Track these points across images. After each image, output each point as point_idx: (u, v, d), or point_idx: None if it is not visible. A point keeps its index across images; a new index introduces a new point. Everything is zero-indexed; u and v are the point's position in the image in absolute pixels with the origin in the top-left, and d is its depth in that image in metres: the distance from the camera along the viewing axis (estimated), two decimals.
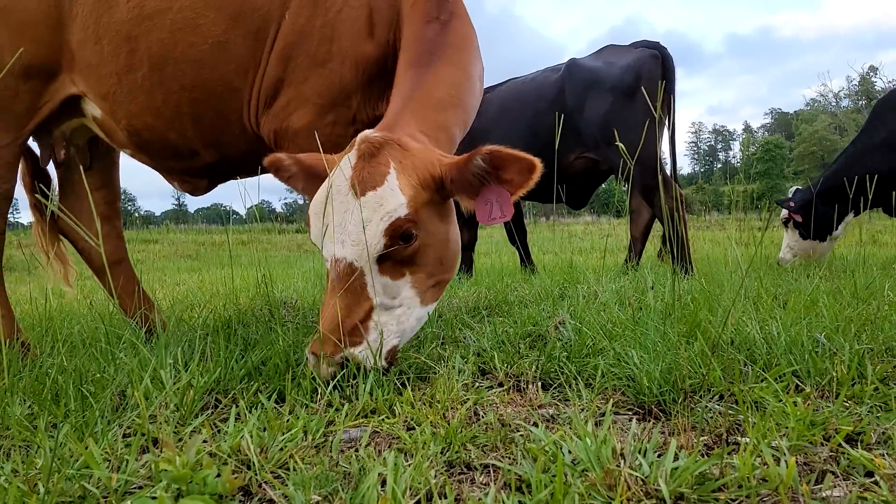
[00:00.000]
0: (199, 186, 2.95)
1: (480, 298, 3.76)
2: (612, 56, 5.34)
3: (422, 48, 2.26)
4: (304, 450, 1.40)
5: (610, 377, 1.82)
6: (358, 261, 1.87)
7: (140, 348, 2.12)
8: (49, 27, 2.52)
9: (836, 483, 1.18)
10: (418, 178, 1.93)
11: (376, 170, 1.89)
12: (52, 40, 2.54)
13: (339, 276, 1.86)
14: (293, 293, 4.45)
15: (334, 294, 1.85)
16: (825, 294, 3.03)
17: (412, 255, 1.93)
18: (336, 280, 1.86)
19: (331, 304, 1.84)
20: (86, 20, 2.50)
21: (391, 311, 1.92)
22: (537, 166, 1.85)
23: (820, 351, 1.94)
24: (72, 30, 2.53)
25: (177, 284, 6.74)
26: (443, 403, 1.67)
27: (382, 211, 1.85)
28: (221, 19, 2.39)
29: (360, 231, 1.84)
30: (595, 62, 5.31)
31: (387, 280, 1.91)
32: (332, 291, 1.86)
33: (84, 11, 2.50)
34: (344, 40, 2.33)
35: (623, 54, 5.27)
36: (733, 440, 1.41)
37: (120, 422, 1.66)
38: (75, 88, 2.62)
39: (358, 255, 1.86)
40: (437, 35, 2.29)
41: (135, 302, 3.02)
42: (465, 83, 2.34)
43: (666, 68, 5.11)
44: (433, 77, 2.22)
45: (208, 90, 2.47)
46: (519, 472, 1.21)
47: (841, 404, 1.54)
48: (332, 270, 1.88)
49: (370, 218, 1.85)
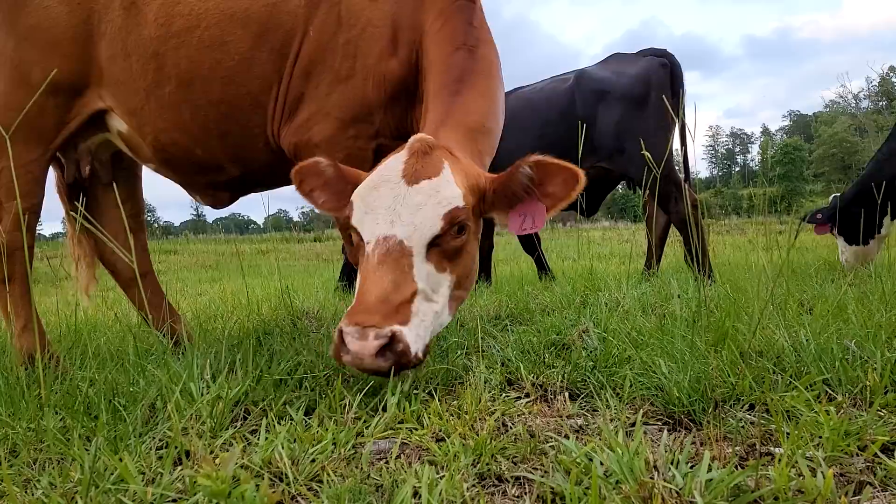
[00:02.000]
0: (221, 199, 2.98)
1: (502, 307, 3.75)
2: (621, 65, 5.36)
3: (451, 76, 2.28)
4: (335, 462, 1.41)
5: (638, 387, 1.81)
6: (409, 240, 1.86)
7: (170, 361, 2.14)
8: (79, 43, 2.57)
9: (875, 494, 1.17)
10: (468, 183, 1.96)
11: (431, 163, 1.93)
12: (81, 56, 2.58)
13: (389, 251, 1.84)
14: (315, 303, 4.48)
15: (380, 268, 1.82)
16: (853, 300, 2.99)
17: (457, 250, 1.93)
18: (384, 255, 1.84)
19: (376, 278, 1.81)
20: (114, 37, 2.55)
21: (430, 304, 1.89)
22: (581, 178, 1.87)
23: (851, 359, 1.92)
24: (100, 46, 2.57)
25: (199, 295, 6.80)
26: (471, 414, 1.67)
27: (440, 196, 1.89)
28: (248, 36, 2.43)
29: (415, 212, 1.86)
30: (604, 72, 5.34)
31: (431, 269, 1.89)
32: (377, 265, 1.83)
33: (113, 28, 2.54)
34: (368, 57, 2.36)
35: (631, 63, 5.30)
36: (766, 451, 1.40)
37: (152, 434, 1.68)
38: (102, 103, 2.67)
39: (409, 234, 1.86)
40: (465, 62, 2.31)
41: (162, 314, 3.05)
42: (493, 111, 2.38)
43: (674, 75, 5.15)
44: (462, 106, 2.23)
45: (235, 106, 2.51)
46: (552, 485, 1.21)
47: (875, 413, 1.52)
48: (379, 247, 1.86)
49: (425, 202, 1.87)
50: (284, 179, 2.96)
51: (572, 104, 5.20)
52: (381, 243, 1.85)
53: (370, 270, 1.83)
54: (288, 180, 2.96)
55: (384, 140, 2.48)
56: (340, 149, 2.43)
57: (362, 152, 2.44)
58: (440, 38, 2.35)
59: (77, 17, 2.56)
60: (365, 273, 1.86)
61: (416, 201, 1.87)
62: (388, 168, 1.95)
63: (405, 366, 1.74)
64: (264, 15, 2.42)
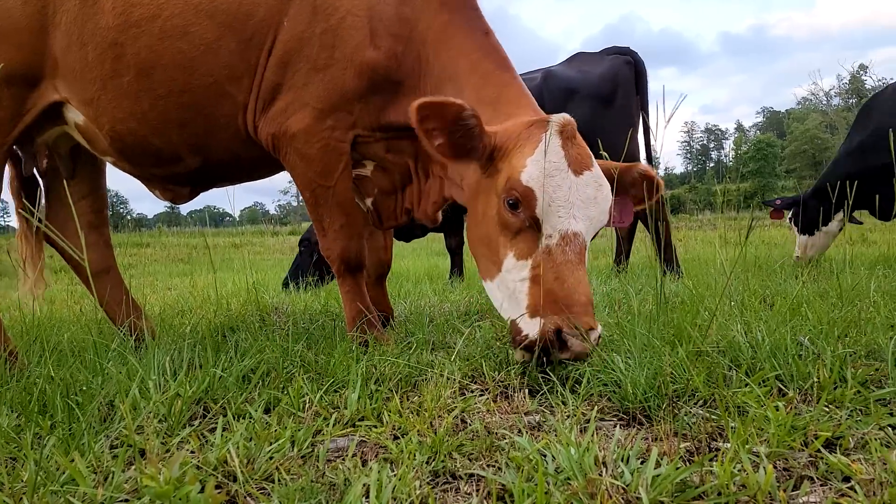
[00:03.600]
0: (180, 194, 2.96)
1: (472, 302, 3.77)
2: (586, 64, 5.43)
3: (501, 56, 2.38)
4: (291, 461, 1.41)
5: (596, 383, 1.84)
6: (585, 235, 1.95)
7: (128, 358, 2.12)
8: (32, 33, 2.54)
9: (813, 489, 1.20)
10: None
11: (583, 151, 2.01)
12: (35, 46, 2.55)
13: (580, 248, 1.92)
14: (285, 298, 4.46)
15: (580, 266, 1.91)
16: (812, 295, 3.05)
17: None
18: (579, 253, 1.92)
19: (580, 276, 1.89)
20: (70, 26, 2.52)
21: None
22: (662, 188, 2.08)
23: (804, 354, 1.96)
24: (55, 36, 2.54)
25: (168, 289, 6.74)
26: (430, 411, 1.68)
27: (605, 190, 1.99)
28: (214, 26, 2.41)
29: (588, 206, 1.94)
30: (571, 71, 5.39)
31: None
32: (577, 263, 1.90)
33: (68, 18, 2.52)
34: (346, 47, 2.35)
35: (596, 62, 5.38)
36: (715, 446, 1.43)
37: (108, 433, 1.66)
38: (58, 95, 2.64)
39: (586, 229, 1.95)
40: (499, 46, 2.42)
41: (124, 310, 3.02)
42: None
43: (639, 73, 5.24)
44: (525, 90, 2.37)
45: (198, 95, 2.49)
46: (503, 482, 1.23)
47: (821, 409, 1.56)
48: (570, 244, 1.91)
49: (595, 196, 1.95)
50: (247, 174, 2.95)
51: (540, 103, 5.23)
52: (572, 240, 1.91)
53: (568, 266, 1.89)
54: (253, 175, 2.96)
55: (361, 131, 2.47)
56: (317, 139, 2.42)
57: (339, 143, 2.44)
58: (458, 27, 2.37)
59: (32, 6, 2.52)
60: (558, 268, 1.89)
61: (587, 195, 1.94)
62: (553, 153, 1.94)
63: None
64: (233, 5, 2.41)
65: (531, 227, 1.96)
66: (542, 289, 1.88)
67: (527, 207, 1.94)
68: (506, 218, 1.99)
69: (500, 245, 2.03)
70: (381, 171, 2.64)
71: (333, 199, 2.49)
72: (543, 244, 1.93)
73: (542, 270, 1.90)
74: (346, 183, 2.50)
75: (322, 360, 2.21)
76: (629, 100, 5.15)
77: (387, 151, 2.55)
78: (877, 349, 1.98)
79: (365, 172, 2.67)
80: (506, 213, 1.98)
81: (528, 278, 1.94)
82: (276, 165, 2.75)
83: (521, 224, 1.97)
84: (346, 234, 2.53)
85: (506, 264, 2.01)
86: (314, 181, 2.48)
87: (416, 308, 3.71)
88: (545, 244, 1.93)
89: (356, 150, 2.53)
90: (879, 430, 1.42)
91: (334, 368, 2.09)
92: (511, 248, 2.00)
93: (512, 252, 2.00)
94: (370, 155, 2.58)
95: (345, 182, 2.49)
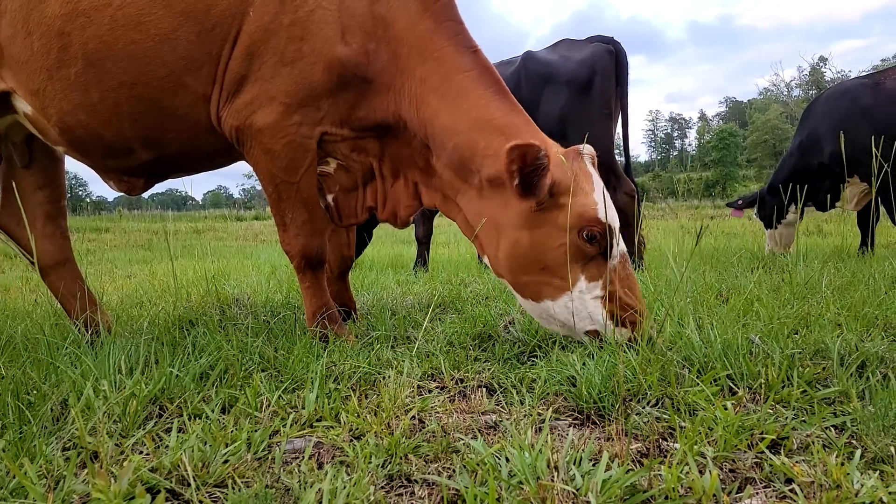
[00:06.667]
0: (135, 186, 2.90)
1: (434, 295, 3.78)
2: (568, 50, 5.40)
3: (496, 77, 2.42)
4: (246, 464, 1.40)
5: (552, 382, 1.86)
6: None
7: (82, 356, 2.08)
8: None
9: (756, 491, 1.24)
10: None
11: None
12: None
13: (629, 265, 2.31)
14: (247, 289, 4.40)
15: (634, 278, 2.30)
16: (766, 291, 3.13)
17: None
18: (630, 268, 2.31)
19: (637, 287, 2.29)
20: (15, 15, 2.45)
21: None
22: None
23: (755, 353, 2.02)
24: (0, 24, 2.46)
25: (127, 277, 6.60)
26: (388, 412, 1.69)
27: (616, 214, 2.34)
28: (170, 16, 2.35)
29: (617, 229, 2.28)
30: (551, 56, 5.37)
31: None
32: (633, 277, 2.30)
33: (14, 6, 2.45)
34: (316, 41, 2.31)
35: (578, 49, 5.34)
36: (665, 447, 1.46)
37: (60, 434, 1.64)
38: (4, 84, 2.58)
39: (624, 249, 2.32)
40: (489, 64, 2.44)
41: (79, 304, 2.96)
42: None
43: (619, 63, 5.21)
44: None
45: (152, 87, 2.43)
46: (456, 487, 1.24)
47: (768, 409, 1.60)
48: (625, 262, 2.29)
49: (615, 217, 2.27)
50: (207, 165, 2.90)
51: (518, 87, 5.22)
52: (626, 258, 2.29)
53: (632, 278, 2.28)
54: (212, 165, 2.91)
55: (329, 128, 2.44)
56: (283, 135, 2.38)
57: (306, 139, 2.41)
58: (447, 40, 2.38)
59: None
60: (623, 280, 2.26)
61: (614, 217, 2.25)
62: (601, 185, 2.27)
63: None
64: None
65: (602, 253, 2.23)
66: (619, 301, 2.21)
67: (603, 239, 2.20)
68: (583, 249, 2.21)
69: (566, 271, 2.21)
70: (344, 169, 2.62)
71: (297, 195, 2.47)
72: (611, 265, 2.23)
73: (616, 287, 2.23)
74: (310, 179, 2.48)
75: (281, 357, 2.20)
76: (607, 88, 5.13)
77: (352, 150, 2.53)
78: (823, 348, 2.04)
79: (328, 170, 2.65)
80: (584, 245, 2.20)
81: (601, 296, 2.22)
82: (237, 155, 2.72)
83: (595, 252, 2.23)
84: (308, 231, 2.51)
85: (578, 286, 2.23)
86: (278, 176, 2.45)
87: (379, 300, 3.70)
88: (614, 264, 2.24)
89: (322, 147, 2.50)
90: (822, 432, 1.47)
91: (293, 366, 2.08)
92: (583, 272, 2.24)
93: (584, 275, 2.24)
94: (335, 153, 2.55)
95: (309, 179, 2.47)
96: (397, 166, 2.56)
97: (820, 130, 6.14)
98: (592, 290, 2.22)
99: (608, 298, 2.19)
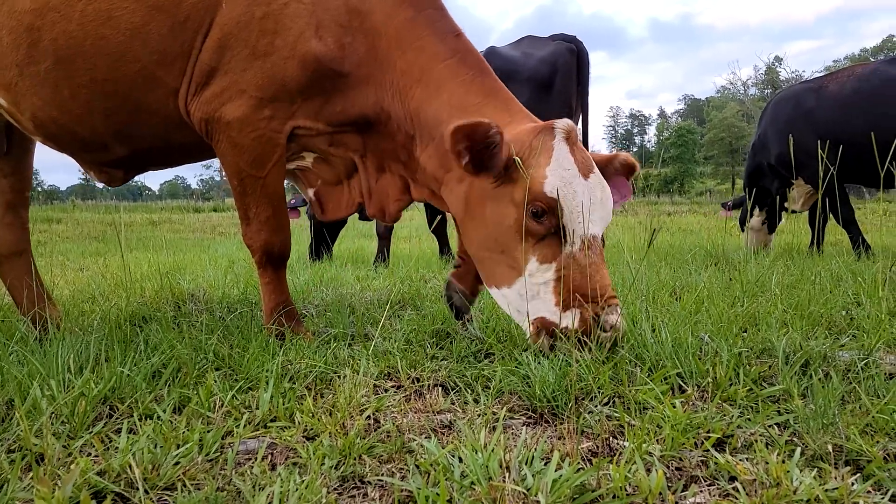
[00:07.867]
0: (115, 177, 2.87)
1: (394, 291, 3.77)
2: (530, 47, 5.44)
3: (478, 59, 2.38)
4: (197, 466, 1.39)
5: (507, 381, 1.88)
6: (601, 234, 2.13)
7: (28, 356, 2.03)
8: None
9: (700, 489, 1.27)
10: None
11: (586, 154, 2.15)
12: None
13: (600, 248, 2.11)
14: (203, 283, 4.34)
15: (602, 264, 2.09)
16: (717, 289, 3.21)
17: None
18: (600, 252, 2.10)
19: (605, 272, 2.09)
20: None
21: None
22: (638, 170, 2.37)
23: (705, 351, 2.07)
24: None
25: (80, 270, 6.44)
26: (343, 412, 1.68)
27: (608, 191, 2.15)
28: (141, 9, 2.30)
29: (600, 208, 2.10)
30: (513, 52, 5.40)
31: None
32: (600, 262, 2.08)
33: None
34: (289, 35, 2.27)
35: (541, 46, 5.39)
36: (615, 445, 1.50)
37: (5, 436, 1.59)
38: None
39: (601, 230, 2.12)
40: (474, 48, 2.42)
41: (29, 298, 2.89)
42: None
43: (581, 62, 5.27)
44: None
45: (124, 83, 2.39)
46: (408, 489, 1.25)
47: (715, 407, 1.65)
48: (592, 246, 2.08)
49: (601, 197, 2.10)
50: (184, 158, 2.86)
51: None
52: (593, 242, 2.08)
53: (592, 267, 2.05)
54: (190, 159, 2.87)
55: (302, 122, 2.40)
56: (252, 129, 2.34)
57: (275, 134, 2.37)
58: (427, 28, 2.34)
59: None
60: (583, 269, 2.05)
61: (597, 197, 2.08)
62: (566, 160, 2.07)
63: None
64: None
65: (555, 233, 2.08)
66: (571, 286, 2.04)
67: (552, 216, 2.06)
68: (530, 226, 2.08)
69: (520, 251, 2.12)
70: (324, 162, 2.60)
71: (262, 190, 2.44)
72: (567, 249, 2.07)
73: (571, 271, 2.05)
74: (277, 175, 2.45)
75: (236, 356, 2.17)
76: (568, 86, 5.19)
77: (329, 145, 2.51)
78: (770, 347, 2.10)
79: (305, 164, 2.63)
80: (530, 222, 2.08)
81: (554, 280, 2.07)
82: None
83: (545, 231, 2.09)
84: (271, 227, 2.49)
85: (529, 268, 2.11)
86: (245, 170, 2.41)
87: (338, 297, 3.68)
88: (568, 249, 2.07)
89: (296, 142, 2.47)
90: (766, 430, 1.52)
91: (248, 365, 2.06)
92: (534, 254, 2.11)
93: (535, 257, 2.11)
94: (311, 147, 2.53)
95: (276, 174, 2.44)
96: (381, 161, 2.55)
97: (768, 133, 6.47)
98: (544, 273, 2.09)
99: (563, 284, 2.05)
